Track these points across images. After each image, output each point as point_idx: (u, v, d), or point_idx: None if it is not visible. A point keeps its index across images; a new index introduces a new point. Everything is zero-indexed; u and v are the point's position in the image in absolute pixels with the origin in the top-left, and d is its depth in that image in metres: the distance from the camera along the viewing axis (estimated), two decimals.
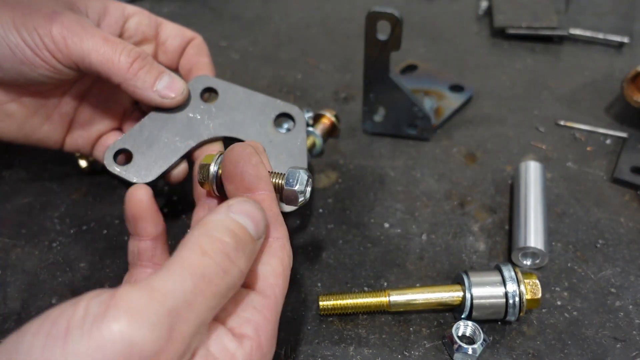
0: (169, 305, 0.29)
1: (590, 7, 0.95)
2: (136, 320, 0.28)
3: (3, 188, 0.63)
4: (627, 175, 0.64)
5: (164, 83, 0.52)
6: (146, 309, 0.28)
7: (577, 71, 0.82)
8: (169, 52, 0.59)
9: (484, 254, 0.57)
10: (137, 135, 0.52)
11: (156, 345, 0.28)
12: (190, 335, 0.30)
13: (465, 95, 0.76)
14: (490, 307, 0.48)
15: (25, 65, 0.48)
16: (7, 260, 0.56)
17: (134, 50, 0.50)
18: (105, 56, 0.48)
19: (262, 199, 0.40)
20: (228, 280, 0.33)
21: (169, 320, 0.29)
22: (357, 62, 0.84)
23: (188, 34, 0.59)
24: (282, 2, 0.99)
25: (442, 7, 0.98)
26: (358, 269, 0.56)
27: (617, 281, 0.54)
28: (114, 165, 0.51)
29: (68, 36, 0.47)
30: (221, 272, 0.32)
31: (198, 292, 0.31)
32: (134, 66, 0.50)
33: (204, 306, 0.31)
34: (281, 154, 0.53)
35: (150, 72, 0.51)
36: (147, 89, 0.51)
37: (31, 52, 0.47)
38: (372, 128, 0.70)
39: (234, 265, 0.33)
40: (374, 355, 0.48)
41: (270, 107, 0.55)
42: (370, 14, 0.58)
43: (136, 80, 0.50)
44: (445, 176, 0.66)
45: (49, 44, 0.47)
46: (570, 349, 0.49)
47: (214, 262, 0.32)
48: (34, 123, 0.54)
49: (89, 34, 0.48)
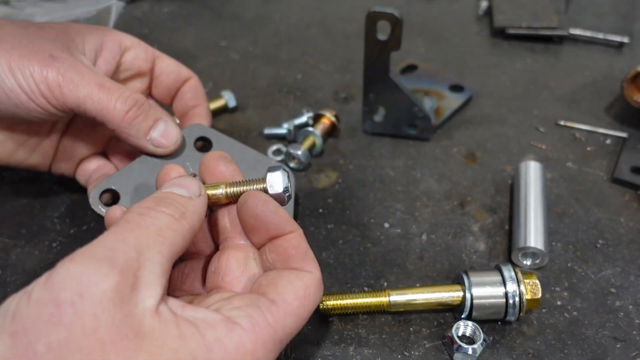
0: (102, 245, 0.32)
1: (590, 7, 0.95)
2: (80, 262, 0.31)
3: (3, 188, 0.63)
4: (627, 175, 0.64)
5: (159, 131, 0.52)
6: (82, 253, 0.31)
7: (577, 71, 0.82)
8: (162, 87, 0.60)
9: (484, 254, 0.57)
10: (125, 177, 0.53)
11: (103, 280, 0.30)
12: (129, 262, 0.32)
13: (465, 95, 0.76)
14: (490, 307, 0.48)
15: (20, 109, 0.48)
16: (7, 260, 0.56)
17: (130, 97, 0.50)
18: (100, 104, 0.48)
19: (290, 238, 0.40)
20: (152, 221, 0.35)
21: (105, 253, 0.31)
22: (357, 62, 0.83)
23: (184, 73, 0.60)
24: (282, 2, 0.99)
25: (442, 7, 0.98)
26: (358, 269, 0.56)
27: (617, 281, 0.54)
28: (98, 205, 0.51)
29: (63, 84, 0.47)
30: (140, 217, 0.35)
31: (121, 232, 0.34)
32: (129, 114, 0.50)
33: (135, 241, 0.33)
34: None
35: (145, 121, 0.51)
36: (141, 138, 0.51)
37: (26, 97, 0.47)
38: (372, 128, 0.70)
39: (154, 211, 0.36)
40: (374, 355, 0.48)
41: (261, 164, 0.56)
42: (370, 14, 0.58)
43: (130, 128, 0.50)
44: (445, 176, 0.66)
45: (44, 91, 0.47)
46: (570, 349, 0.49)
47: (134, 212, 0.35)
48: (23, 152, 0.55)
49: (84, 80, 0.48)
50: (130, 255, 0.32)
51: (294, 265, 0.40)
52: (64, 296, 0.29)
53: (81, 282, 0.30)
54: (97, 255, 0.31)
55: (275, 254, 0.41)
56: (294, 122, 0.70)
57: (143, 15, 0.96)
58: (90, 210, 0.60)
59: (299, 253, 0.40)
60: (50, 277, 0.30)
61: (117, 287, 0.30)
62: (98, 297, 0.29)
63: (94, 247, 0.32)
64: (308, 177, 0.65)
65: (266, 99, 0.77)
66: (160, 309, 0.32)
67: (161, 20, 0.95)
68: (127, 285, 0.31)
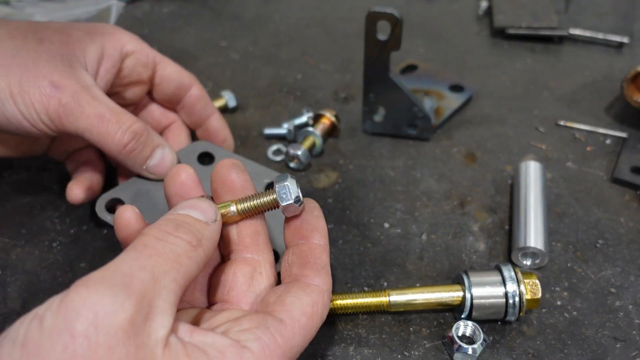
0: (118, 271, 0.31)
1: (590, 7, 0.95)
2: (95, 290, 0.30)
3: (3, 188, 0.63)
4: (627, 175, 0.64)
5: (155, 161, 0.53)
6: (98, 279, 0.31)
7: (577, 71, 0.82)
8: (163, 94, 0.60)
9: (484, 254, 0.57)
10: (131, 187, 0.55)
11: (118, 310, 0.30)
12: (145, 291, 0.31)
13: (465, 95, 0.76)
14: (490, 307, 0.48)
15: (20, 131, 0.49)
16: (7, 260, 0.56)
17: (129, 130, 0.50)
18: (100, 136, 0.49)
19: (314, 247, 0.41)
20: (170, 247, 0.34)
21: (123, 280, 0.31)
22: (357, 62, 0.83)
23: (185, 80, 0.60)
24: (282, 2, 0.99)
25: (442, 7, 0.98)
26: (358, 269, 0.56)
27: (617, 281, 0.54)
28: (104, 213, 0.53)
29: (64, 115, 0.48)
30: (158, 242, 0.34)
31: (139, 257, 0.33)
32: (127, 148, 0.51)
33: (154, 267, 0.33)
34: (279, 222, 0.50)
35: (143, 152, 0.52)
36: (137, 167, 0.53)
37: (27, 124, 0.48)
38: (372, 128, 0.70)
39: (173, 237, 0.35)
40: (374, 355, 0.48)
41: (262, 176, 0.57)
42: (370, 14, 0.58)
43: (127, 160, 0.52)
44: (445, 176, 0.66)
45: (45, 120, 0.48)
46: (570, 349, 0.49)
47: (152, 236, 0.35)
48: (26, 145, 0.58)
49: (84, 113, 0.48)
50: (147, 284, 0.31)
51: (308, 274, 0.41)
52: (79, 327, 0.28)
53: (97, 313, 0.29)
54: (114, 283, 0.30)
55: (296, 256, 0.42)
56: (294, 122, 0.70)
57: (143, 15, 0.96)
58: (91, 210, 0.61)
59: (317, 263, 0.41)
60: (63, 303, 0.29)
61: (132, 317, 0.30)
62: (113, 329, 0.29)
63: (110, 272, 0.31)
64: (308, 177, 0.65)
65: (266, 99, 0.78)
66: (171, 341, 0.32)
67: (161, 20, 0.95)
68: (142, 315, 0.30)
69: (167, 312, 0.32)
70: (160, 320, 0.31)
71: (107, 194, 0.54)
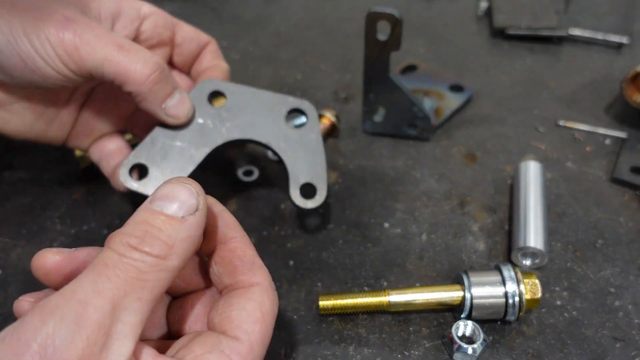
0: (74, 298, 0.30)
1: (589, 7, 0.95)
2: (48, 321, 0.29)
3: (3, 188, 0.63)
4: (627, 175, 0.64)
5: (174, 102, 0.50)
6: (55, 308, 0.29)
7: (577, 71, 0.82)
8: (185, 55, 0.58)
9: (484, 254, 0.57)
10: (150, 148, 0.52)
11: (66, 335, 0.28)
12: (101, 320, 0.30)
13: (465, 95, 0.76)
14: (490, 307, 0.49)
15: (37, 75, 0.46)
16: (7, 260, 0.56)
17: (152, 60, 0.48)
18: (119, 66, 0.46)
19: (234, 247, 0.39)
20: (134, 264, 0.31)
21: (76, 309, 0.29)
22: (357, 62, 0.84)
23: (203, 38, 0.58)
24: (282, 2, 0.99)
25: (442, 7, 0.98)
26: (358, 269, 0.56)
27: (617, 281, 0.54)
28: (130, 181, 0.50)
29: (81, 46, 0.45)
30: (120, 260, 0.31)
31: (97, 280, 0.30)
32: (151, 78, 0.47)
33: (112, 291, 0.30)
34: (298, 149, 0.53)
35: (165, 88, 0.49)
36: (157, 104, 0.49)
37: (43, 63, 0.45)
38: (372, 128, 0.70)
39: (138, 253, 0.32)
40: (374, 355, 0.48)
41: (280, 104, 0.55)
42: (370, 14, 0.58)
43: (149, 93, 0.48)
44: (445, 176, 0.66)
45: (61, 54, 0.45)
46: (570, 348, 0.49)
47: (114, 251, 0.32)
48: (42, 123, 0.53)
49: (102, 42, 0.46)
50: (104, 311, 0.30)
51: (241, 279, 0.38)
52: (33, 347, 0.28)
53: (47, 347, 0.28)
54: (68, 312, 0.29)
55: (221, 265, 0.39)
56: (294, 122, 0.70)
57: None
58: (91, 210, 0.61)
59: (245, 263, 0.38)
60: (16, 334, 0.29)
61: (84, 351, 0.29)
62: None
63: (65, 299, 0.30)
64: None
65: None
66: None
67: None
68: (97, 346, 0.29)
69: (128, 337, 0.30)
70: (118, 348, 0.30)
71: (128, 160, 0.51)
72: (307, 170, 0.53)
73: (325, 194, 0.52)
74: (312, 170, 0.53)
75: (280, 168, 0.66)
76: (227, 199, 0.63)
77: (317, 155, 0.53)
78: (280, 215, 0.61)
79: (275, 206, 0.62)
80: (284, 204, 0.62)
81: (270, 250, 0.57)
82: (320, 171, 0.53)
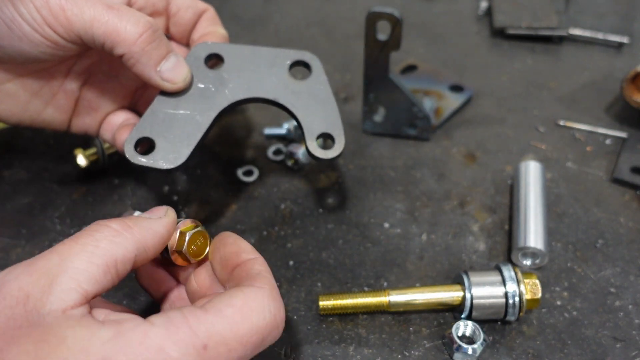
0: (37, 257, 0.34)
1: (590, 7, 0.95)
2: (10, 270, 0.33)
3: (3, 188, 0.63)
4: (627, 175, 0.64)
5: (170, 65, 0.48)
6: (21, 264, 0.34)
7: (577, 71, 0.82)
8: (181, 24, 0.55)
9: (484, 254, 0.57)
10: (153, 120, 0.49)
11: None
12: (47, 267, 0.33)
13: (465, 95, 0.76)
14: (490, 307, 0.48)
15: (24, 42, 0.44)
16: (7, 260, 0.56)
17: (143, 19, 0.45)
18: (109, 25, 0.44)
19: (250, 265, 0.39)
20: (90, 233, 0.35)
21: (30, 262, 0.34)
22: (357, 62, 0.84)
23: (200, 6, 0.55)
24: (282, 2, 0.99)
25: (442, 7, 0.98)
26: (358, 269, 0.56)
27: (617, 281, 0.54)
28: (137, 157, 0.48)
29: (67, 7, 0.43)
30: (83, 231, 0.35)
31: (58, 246, 0.34)
32: (142, 38, 0.45)
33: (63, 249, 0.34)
34: (308, 101, 0.51)
35: (159, 49, 0.47)
36: (150, 67, 0.47)
37: (29, 28, 0.44)
38: (372, 128, 0.70)
39: (99, 226, 0.36)
40: (374, 355, 0.48)
41: (281, 58, 0.53)
42: (370, 14, 0.58)
43: (142, 54, 0.46)
44: (445, 176, 0.66)
45: (47, 17, 0.43)
46: (570, 349, 0.49)
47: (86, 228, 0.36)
48: (37, 104, 0.51)
49: (89, 2, 0.44)
50: (52, 262, 0.33)
51: (243, 283, 0.37)
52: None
53: (3, 283, 0.32)
54: (25, 264, 0.33)
55: (232, 282, 0.38)
56: (294, 122, 0.70)
57: None
58: (91, 210, 0.61)
59: (251, 274, 0.37)
60: None
61: (25, 287, 0.31)
62: (9, 296, 0.31)
63: (32, 259, 0.34)
64: (308, 177, 0.65)
65: None
66: (71, 312, 0.31)
67: None
68: (38, 287, 0.31)
69: (73, 290, 0.32)
70: (61, 294, 0.31)
71: (131, 136, 0.48)
72: (321, 120, 0.51)
73: (344, 141, 0.50)
74: (326, 119, 0.51)
75: (280, 168, 0.66)
76: (227, 199, 0.63)
77: (328, 104, 0.51)
78: (280, 215, 0.61)
79: (275, 206, 0.62)
80: (284, 204, 0.62)
81: (270, 250, 0.57)
82: (334, 119, 0.51)
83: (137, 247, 0.36)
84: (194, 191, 0.63)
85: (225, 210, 0.61)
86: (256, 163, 0.67)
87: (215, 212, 0.61)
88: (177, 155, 0.48)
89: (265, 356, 0.48)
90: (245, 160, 0.67)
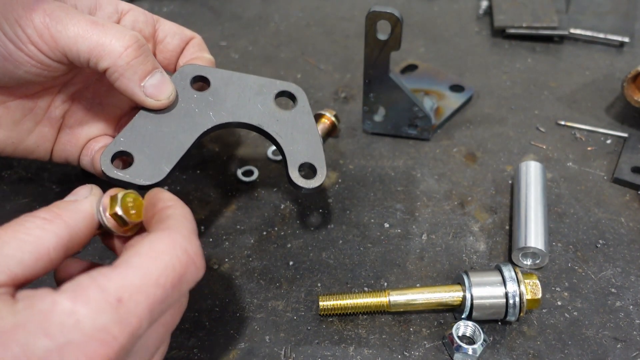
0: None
1: (590, 6, 0.95)
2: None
3: (3, 188, 0.63)
4: (628, 175, 0.64)
5: (154, 81, 0.47)
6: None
7: (578, 71, 0.82)
8: (168, 51, 0.54)
9: (484, 254, 0.57)
10: (132, 135, 0.48)
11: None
12: None
13: (466, 95, 0.76)
14: (491, 307, 0.48)
15: (9, 62, 0.44)
16: None
17: (129, 33, 0.45)
18: (93, 40, 0.44)
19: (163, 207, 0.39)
20: (21, 223, 0.35)
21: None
22: (357, 62, 0.83)
23: (187, 33, 0.56)
24: (282, 2, 0.99)
25: (442, 7, 0.98)
26: (358, 269, 0.55)
27: (618, 281, 0.54)
28: (113, 170, 0.46)
29: (51, 24, 0.43)
30: (15, 222, 0.36)
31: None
32: (128, 51, 0.45)
33: None
34: (292, 131, 0.52)
35: (144, 64, 0.46)
36: (135, 82, 0.46)
37: (14, 47, 0.43)
38: (372, 128, 0.70)
39: (30, 216, 0.36)
40: (374, 355, 0.48)
41: (267, 87, 0.54)
42: (370, 13, 0.58)
43: (126, 68, 0.45)
44: (445, 176, 0.66)
45: (32, 36, 0.43)
46: (571, 349, 0.49)
47: None
48: (22, 130, 0.50)
49: (74, 19, 0.44)
50: None
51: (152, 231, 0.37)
52: None
53: None
54: None
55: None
56: None
57: None
58: None
59: (160, 219, 0.38)
60: None
61: None
62: None
63: None
64: None
65: None
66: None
67: None
68: None
69: (2, 272, 0.33)
70: None
71: (109, 148, 0.47)
72: (303, 151, 0.51)
73: (325, 172, 0.51)
74: (308, 150, 0.52)
75: (280, 168, 0.66)
76: (227, 199, 0.63)
77: (311, 135, 0.52)
78: (280, 215, 0.61)
79: (275, 206, 0.62)
80: (284, 204, 0.62)
81: (270, 250, 0.57)
82: (317, 150, 0.52)
83: (69, 231, 0.37)
84: (194, 191, 0.63)
85: (225, 210, 0.61)
86: (256, 163, 0.67)
87: (215, 212, 0.61)
88: (156, 172, 0.47)
89: (265, 356, 0.48)
90: (245, 160, 0.67)
